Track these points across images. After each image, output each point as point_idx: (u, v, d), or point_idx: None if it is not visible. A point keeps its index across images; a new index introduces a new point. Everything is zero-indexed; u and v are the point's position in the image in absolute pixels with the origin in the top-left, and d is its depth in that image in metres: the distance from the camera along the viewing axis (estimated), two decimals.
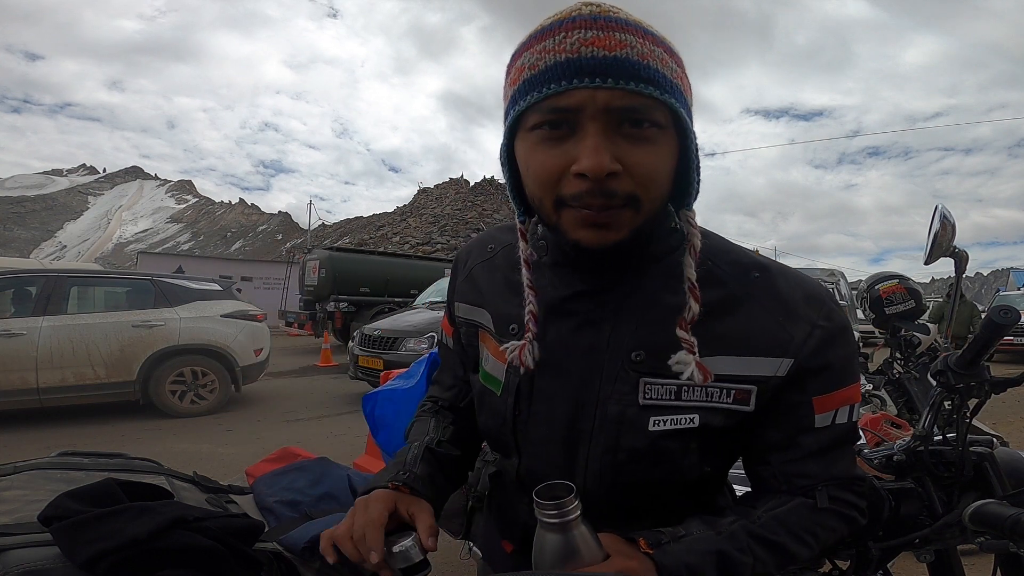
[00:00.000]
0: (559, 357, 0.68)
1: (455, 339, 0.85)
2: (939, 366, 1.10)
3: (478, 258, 0.81)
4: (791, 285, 0.67)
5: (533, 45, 0.57)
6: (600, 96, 0.54)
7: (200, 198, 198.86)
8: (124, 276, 6.45)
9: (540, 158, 0.58)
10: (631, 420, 0.65)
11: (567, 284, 0.68)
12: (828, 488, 0.68)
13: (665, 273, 0.66)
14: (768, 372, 0.64)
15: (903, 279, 3.04)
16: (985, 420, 3.61)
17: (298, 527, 0.99)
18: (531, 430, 0.71)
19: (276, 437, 5.08)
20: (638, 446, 0.65)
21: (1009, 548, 0.91)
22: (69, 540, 0.74)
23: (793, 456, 0.67)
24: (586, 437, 0.67)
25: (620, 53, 0.54)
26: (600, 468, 0.67)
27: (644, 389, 0.64)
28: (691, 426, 0.64)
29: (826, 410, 0.66)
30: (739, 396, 0.64)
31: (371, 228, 68.22)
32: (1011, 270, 24.67)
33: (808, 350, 0.64)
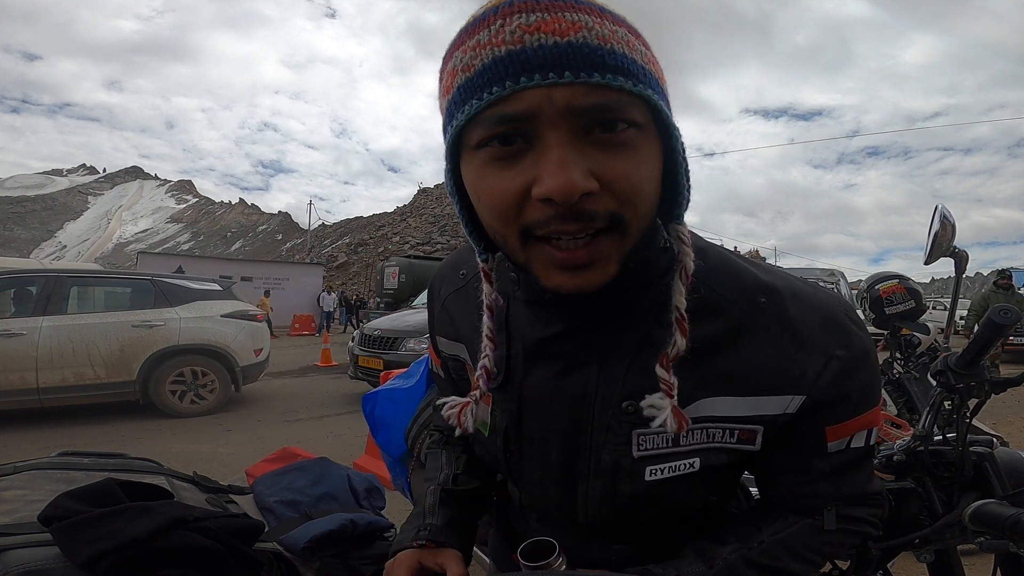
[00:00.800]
0: (544, 404, 0.62)
1: (444, 370, 0.81)
2: (939, 366, 1.11)
3: (450, 287, 0.74)
4: (804, 310, 0.57)
5: (465, 40, 0.45)
6: (557, 95, 0.42)
7: (200, 198, 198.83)
8: (124, 276, 6.45)
9: (491, 183, 0.46)
10: (626, 469, 0.60)
11: (545, 323, 0.60)
12: (838, 507, 0.64)
13: (656, 302, 0.55)
14: (776, 411, 0.57)
15: (903, 279, 3.03)
16: (985, 420, 3.60)
17: (298, 527, 0.99)
18: (525, 471, 0.67)
19: (276, 437, 5.08)
20: (636, 492, 0.60)
21: (1009, 548, 0.91)
22: (69, 540, 0.74)
23: (803, 479, 0.63)
24: (584, 476, 0.63)
25: (575, 38, 0.41)
26: (600, 507, 0.63)
27: (638, 441, 0.58)
28: (692, 471, 0.59)
29: (839, 437, 0.60)
30: (743, 436, 0.58)
31: (371, 228, 68.22)
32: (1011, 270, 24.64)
33: (823, 384, 0.57)
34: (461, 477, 0.78)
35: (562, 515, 0.67)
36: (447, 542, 0.69)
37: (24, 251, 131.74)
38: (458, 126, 0.46)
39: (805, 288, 0.60)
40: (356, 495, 1.18)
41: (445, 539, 0.69)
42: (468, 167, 0.48)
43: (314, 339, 15.73)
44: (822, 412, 0.59)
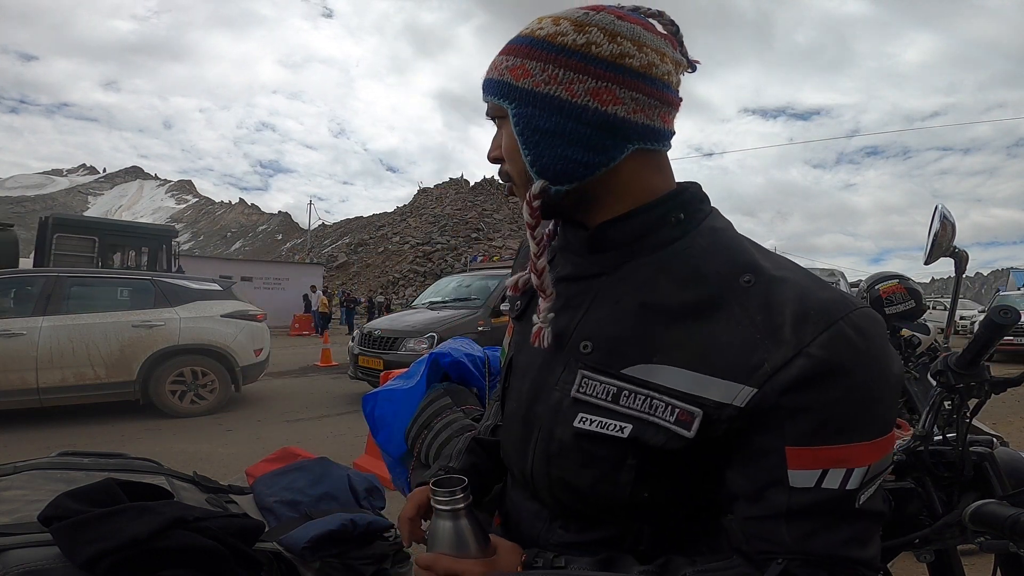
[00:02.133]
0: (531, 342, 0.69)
1: None
2: (939, 366, 1.11)
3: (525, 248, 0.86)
4: (789, 296, 0.54)
5: None
6: (491, 103, 0.66)
7: (200, 198, 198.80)
8: (124, 276, 6.44)
9: None
10: (565, 410, 0.62)
11: (562, 266, 0.70)
12: (791, 563, 0.52)
13: (654, 266, 0.61)
14: (720, 398, 0.53)
15: (903, 279, 3.04)
16: (985, 420, 3.60)
17: (298, 527, 0.99)
18: (508, 403, 0.74)
19: (276, 437, 5.08)
20: (565, 440, 0.61)
21: (1009, 548, 0.91)
22: (69, 540, 0.74)
23: (758, 513, 0.54)
24: (539, 420, 0.66)
25: (491, 75, 0.65)
26: (540, 455, 0.65)
27: (580, 382, 0.61)
28: (619, 435, 0.57)
29: (806, 467, 0.51)
30: (682, 417, 0.55)
31: (371, 228, 68.20)
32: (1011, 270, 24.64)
33: (780, 384, 0.51)
34: (499, 428, 0.82)
35: (518, 460, 0.70)
36: (456, 471, 0.76)
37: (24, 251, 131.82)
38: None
39: (805, 280, 0.56)
40: (356, 495, 1.18)
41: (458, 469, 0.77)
42: None
43: (313, 339, 15.73)
44: (779, 423, 0.52)
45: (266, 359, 6.76)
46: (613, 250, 0.64)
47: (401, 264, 50.44)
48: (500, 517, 0.82)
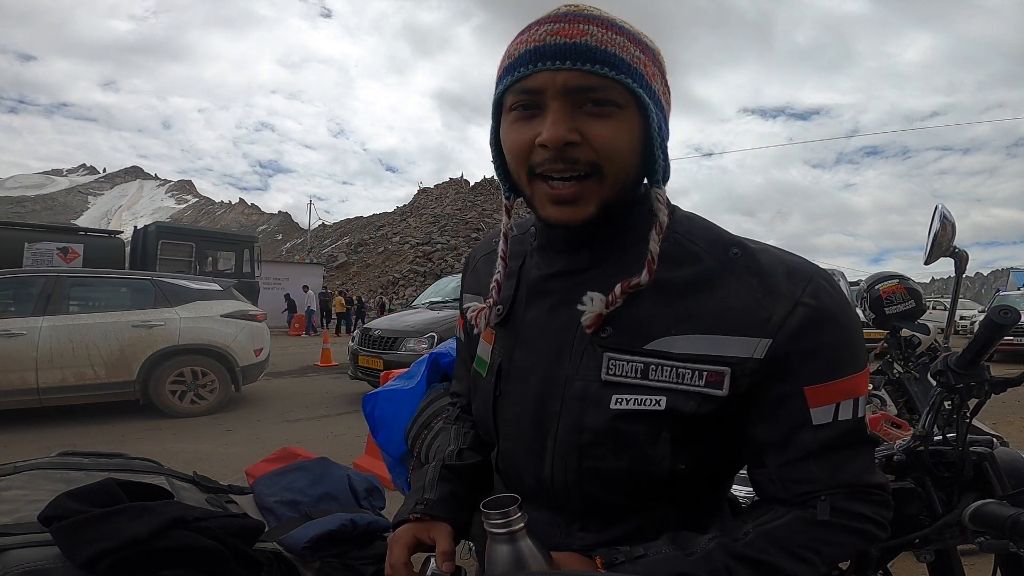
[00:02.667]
0: (535, 335, 0.69)
1: (465, 332, 0.86)
2: (939, 366, 1.10)
3: (483, 251, 0.85)
4: (773, 261, 0.63)
5: (516, 38, 0.63)
6: (559, 77, 0.59)
7: (200, 198, 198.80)
8: (124, 276, 6.44)
9: (514, 134, 0.63)
10: (594, 397, 0.63)
11: (548, 264, 0.71)
12: (832, 498, 0.60)
13: (641, 255, 0.65)
14: (742, 353, 0.59)
15: (903, 279, 3.03)
16: (985, 420, 3.60)
17: (298, 527, 0.99)
18: (506, 409, 0.71)
19: (276, 437, 5.08)
20: (600, 426, 0.62)
21: (1009, 548, 0.91)
22: (69, 540, 0.74)
23: (790, 457, 0.61)
24: (554, 417, 0.65)
25: (580, 40, 0.58)
26: (566, 450, 0.65)
27: (608, 364, 0.62)
28: (657, 408, 0.60)
29: (823, 403, 0.59)
30: (711, 378, 0.60)
31: (371, 228, 68.19)
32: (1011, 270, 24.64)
33: (789, 330, 0.59)
34: (466, 452, 0.81)
35: (530, 466, 0.69)
36: (441, 515, 0.72)
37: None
38: (498, 93, 0.64)
39: (776, 248, 0.66)
40: (356, 495, 1.19)
41: (440, 512, 0.72)
42: (503, 124, 0.65)
43: (314, 339, 15.72)
44: (796, 366, 0.59)
45: (266, 359, 6.76)
46: (601, 244, 0.67)
47: (401, 264, 50.45)
48: None
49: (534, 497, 0.70)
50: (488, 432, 0.77)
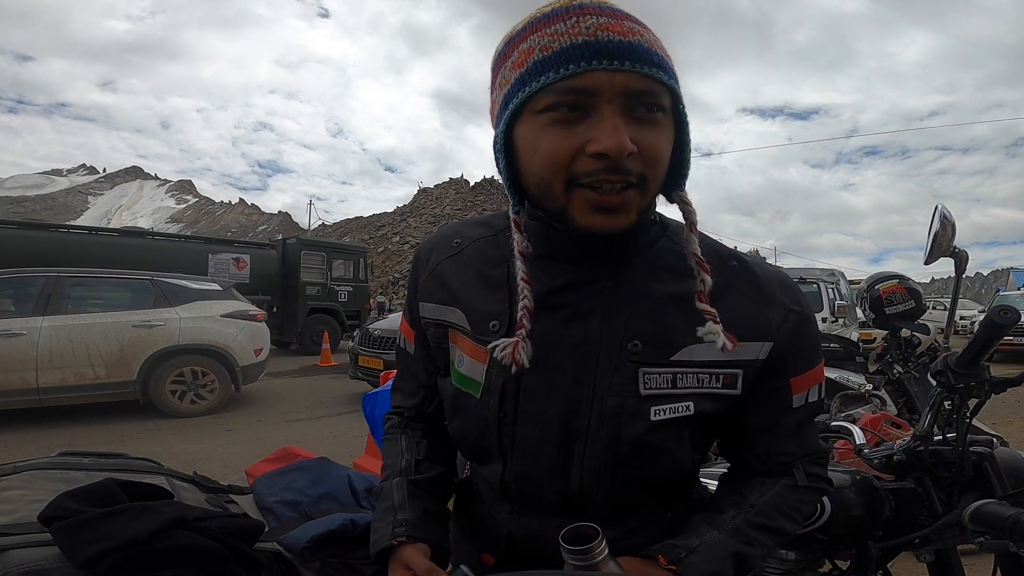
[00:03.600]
0: (548, 353, 0.65)
1: (419, 343, 0.81)
2: (939, 366, 1.10)
3: (443, 254, 0.76)
4: (766, 273, 0.70)
5: (540, 28, 0.57)
6: (619, 79, 0.55)
7: (200, 198, 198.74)
8: (124, 276, 6.44)
9: (552, 139, 0.57)
10: (632, 411, 0.64)
11: (552, 276, 0.66)
12: (804, 465, 0.72)
13: (649, 264, 0.67)
14: (752, 356, 0.66)
15: (903, 279, 3.03)
16: (985, 420, 3.60)
17: (298, 527, 0.99)
18: (520, 432, 0.68)
19: (276, 437, 5.08)
20: (640, 438, 0.64)
21: (1009, 548, 0.91)
22: (69, 540, 0.74)
23: (775, 437, 0.71)
24: (582, 435, 0.65)
25: (633, 39, 0.55)
26: (600, 465, 0.66)
27: (644, 379, 0.64)
28: (687, 414, 0.65)
29: (802, 390, 0.70)
30: (727, 381, 0.66)
31: (371, 228, 68.17)
32: (1011, 270, 24.64)
33: (785, 334, 0.67)
34: (423, 464, 0.79)
35: (553, 483, 0.68)
36: (423, 537, 0.70)
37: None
38: (531, 91, 0.57)
39: (760, 259, 0.73)
40: (356, 495, 1.18)
41: (422, 534, 0.71)
42: (528, 127, 0.59)
43: None
44: (786, 363, 0.68)
45: (266, 359, 6.76)
46: (610, 254, 0.66)
47: (401, 264, 50.44)
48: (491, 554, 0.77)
49: (555, 508, 0.70)
50: (487, 452, 0.72)
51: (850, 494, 1.10)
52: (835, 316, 7.57)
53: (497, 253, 0.72)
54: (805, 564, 1.14)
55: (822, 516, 1.08)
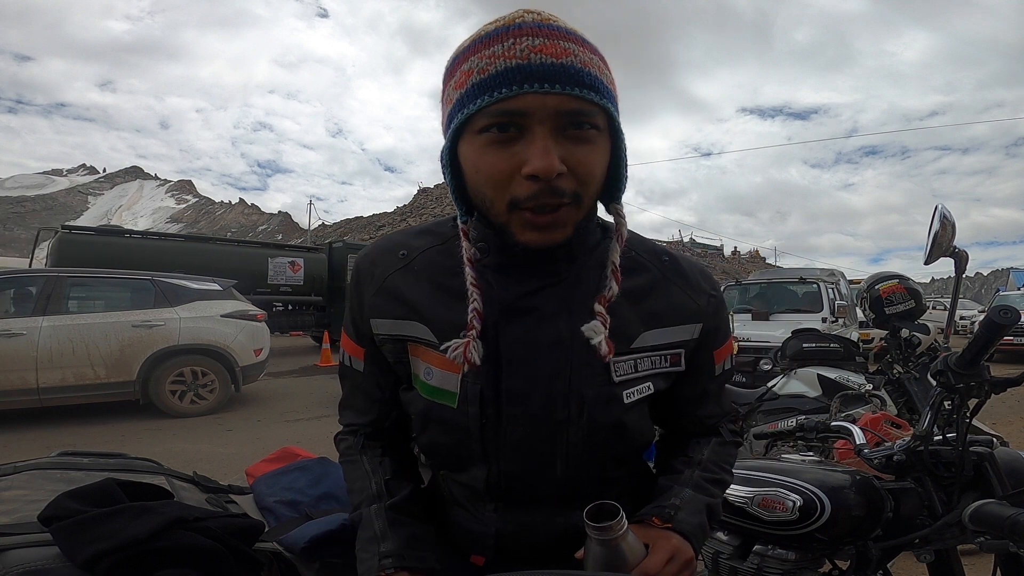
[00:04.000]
0: (525, 354, 0.69)
1: (369, 359, 0.79)
2: (939, 366, 1.10)
3: (390, 267, 0.75)
4: (690, 265, 0.80)
5: (480, 50, 0.59)
6: (550, 101, 0.57)
7: (200, 198, 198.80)
8: (124, 276, 6.45)
9: (491, 160, 0.60)
10: (608, 398, 0.71)
11: (517, 283, 0.69)
12: (725, 423, 0.86)
13: (599, 263, 0.72)
14: (689, 336, 0.76)
15: (903, 279, 3.03)
16: (985, 420, 3.60)
17: (298, 527, 0.99)
18: (507, 433, 0.70)
19: (276, 437, 5.08)
20: (617, 420, 0.72)
21: (1009, 548, 0.91)
22: (69, 540, 0.74)
23: (704, 402, 0.83)
24: (564, 425, 0.70)
25: (566, 60, 0.57)
26: (582, 451, 0.72)
27: (615, 368, 0.71)
28: (649, 393, 0.74)
29: (721, 360, 0.82)
30: (673, 360, 0.76)
31: (371, 228, 68.15)
32: (1011, 270, 24.65)
33: (709, 314, 0.78)
34: (393, 483, 0.78)
35: (542, 476, 0.72)
36: (412, 565, 0.71)
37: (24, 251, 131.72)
38: (468, 114, 0.59)
39: (684, 254, 0.83)
40: None
41: (411, 563, 0.71)
42: (470, 145, 0.62)
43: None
44: (711, 338, 0.79)
45: (266, 359, 6.76)
46: (563, 260, 0.70)
47: None
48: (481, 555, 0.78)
49: (542, 499, 0.75)
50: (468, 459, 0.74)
51: (850, 494, 1.10)
52: (835, 316, 7.57)
53: (451, 263, 0.72)
54: (805, 564, 1.15)
55: (822, 516, 1.08)
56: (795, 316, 7.53)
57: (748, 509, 1.16)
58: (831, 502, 1.08)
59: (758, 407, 3.28)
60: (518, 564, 0.75)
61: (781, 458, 1.32)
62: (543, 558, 0.75)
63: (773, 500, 1.13)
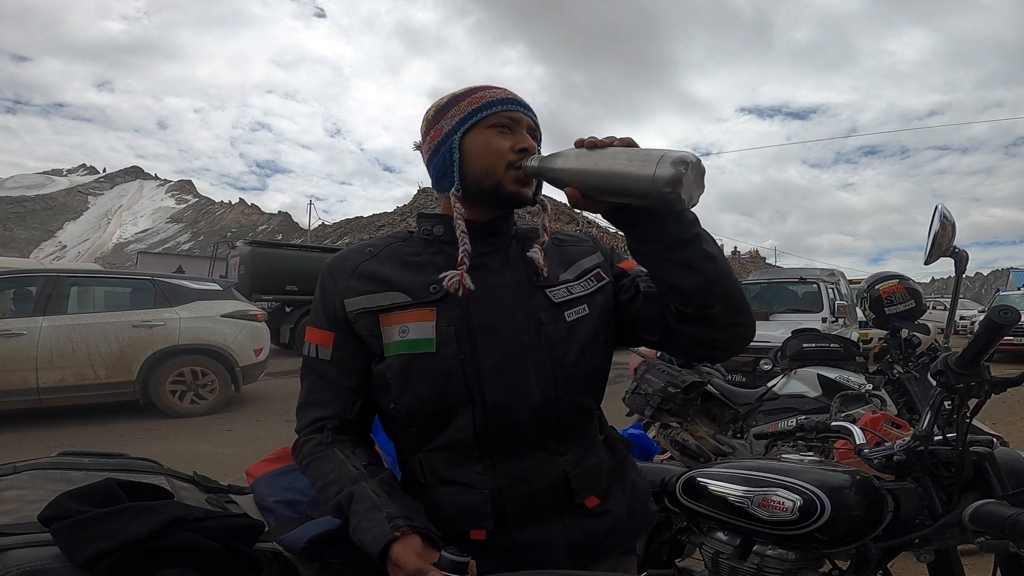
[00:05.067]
0: (488, 296, 0.86)
1: (338, 344, 0.89)
2: (939, 366, 1.11)
3: (360, 259, 0.91)
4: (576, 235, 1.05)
5: (475, 92, 0.91)
6: (527, 117, 0.92)
7: (200, 198, 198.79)
8: (124, 276, 6.45)
9: (499, 141, 0.89)
10: (555, 318, 0.89)
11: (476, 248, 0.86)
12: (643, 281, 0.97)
13: (526, 236, 0.96)
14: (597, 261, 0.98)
15: (903, 279, 3.03)
16: (985, 420, 3.60)
17: (298, 527, 0.99)
18: (484, 361, 0.84)
19: (276, 437, 5.08)
20: (563, 335, 0.88)
21: (1009, 548, 0.91)
22: (69, 540, 0.74)
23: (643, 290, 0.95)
24: (529, 348, 0.86)
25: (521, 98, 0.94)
26: (548, 371, 0.86)
27: (551, 294, 0.90)
28: (585, 312, 0.91)
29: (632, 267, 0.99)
30: (597, 277, 0.96)
31: (371, 228, 68.06)
32: (1011, 270, 24.64)
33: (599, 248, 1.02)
34: (372, 467, 0.85)
35: (524, 403, 0.84)
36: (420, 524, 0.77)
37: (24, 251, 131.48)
38: (486, 114, 0.89)
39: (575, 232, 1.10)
40: None
41: (419, 521, 0.77)
42: (481, 135, 0.89)
43: None
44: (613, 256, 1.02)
45: (266, 359, 6.76)
46: (497, 235, 0.93)
47: None
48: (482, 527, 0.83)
49: (527, 437, 0.85)
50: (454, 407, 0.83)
51: (850, 494, 1.10)
52: (835, 316, 7.57)
53: (412, 249, 0.92)
54: (805, 564, 1.15)
55: (822, 516, 1.08)
56: (795, 316, 7.53)
57: (748, 509, 1.16)
58: (831, 502, 1.08)
59: (758, 407, 3.28)
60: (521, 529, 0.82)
61: (781, 458, 1.32)
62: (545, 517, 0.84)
63: (773, 500, 1.13)
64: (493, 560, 0.81)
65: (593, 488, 0.89)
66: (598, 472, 0.90)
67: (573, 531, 0.86)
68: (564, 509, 0.86)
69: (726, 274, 0.83)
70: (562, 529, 0.86)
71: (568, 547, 0.85)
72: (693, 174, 0.71)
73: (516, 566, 0.81)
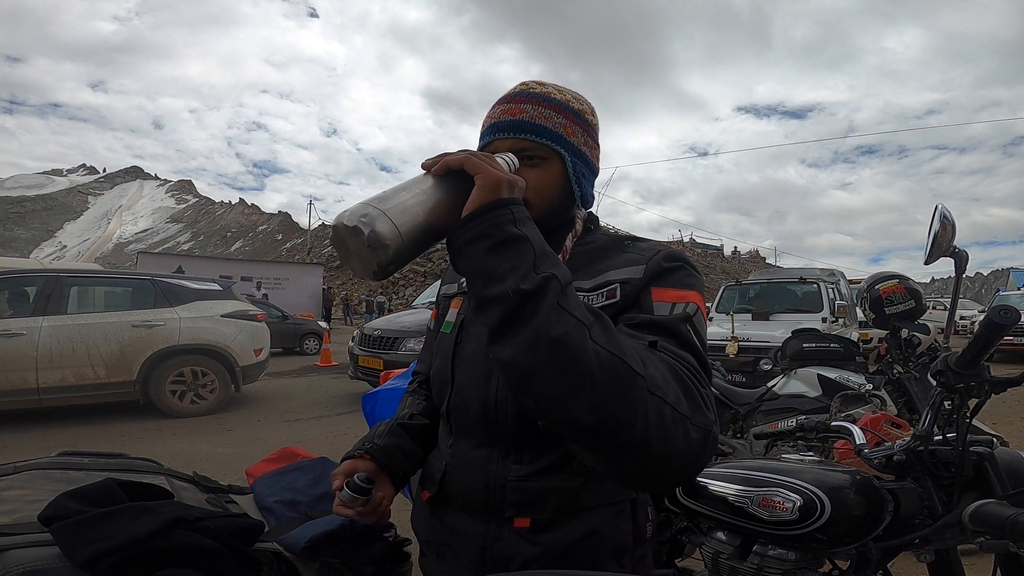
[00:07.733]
0: None
1: (436, 320, 1.06)
2: (939, 366, 1.11)
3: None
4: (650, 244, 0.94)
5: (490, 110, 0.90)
6: (507, 143, 0.86)
7: (200, 198, 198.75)
8: (124, 276, 6.45)
9: None
10: None
11: None
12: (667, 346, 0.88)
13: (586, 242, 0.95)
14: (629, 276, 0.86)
15: (903, 279, 3.03)
16: (985, 420, 3.60)
17: (298, 527, 0.99)
18: (465, 350, 0.91)
19: (276, 437, 5.08)
20: None
21: (1009, 548, 0.91)
22: (69, 540, 0.74)
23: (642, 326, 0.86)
24: None
25: (520, 117, 0.86)
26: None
27: None
28: None
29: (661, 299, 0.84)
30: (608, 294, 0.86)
31: None
32: (1011, 270, 24.64)
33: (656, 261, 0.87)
34: (417, 416, 1.02)
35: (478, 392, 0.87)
36: (380, 459, 0.92)
37: (24, 251, 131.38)
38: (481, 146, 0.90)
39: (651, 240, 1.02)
40: None
41: (380, 457, 0.92)
42: None
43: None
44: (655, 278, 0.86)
45: (266, 359, 6.76)
46: None
47: None
48: (428, 490, 0.94)
49: (476, 428, 0.88)
50: (444, 382, 0.93)
51: (850, 494, 1.10)
52: (835, 316, 7.57)
53: None
54: (805, 564, 1.15)
55: (822, 516, 1.08)
56: (795, 316, 7.53)
57: (748, 509, 1.16)
58: (831, 502, 1.08)
59: (758, 407, 3.28)
60: (454, 511, 0.90)
61: (781, 458, 1.32)
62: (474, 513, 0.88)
63: (773, 500, 1.13)
64: (427, 528, 0.95)
65: (527, 510, 0.84)
66: (542, 497, 0.83)
67: (492, 541, 0.86)
68: (491, 516, 0.86)
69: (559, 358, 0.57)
70: (484, 532, 0.86)
71: (482, 552, 0.85)
72: (353, 241, 0.55)
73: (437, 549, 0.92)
